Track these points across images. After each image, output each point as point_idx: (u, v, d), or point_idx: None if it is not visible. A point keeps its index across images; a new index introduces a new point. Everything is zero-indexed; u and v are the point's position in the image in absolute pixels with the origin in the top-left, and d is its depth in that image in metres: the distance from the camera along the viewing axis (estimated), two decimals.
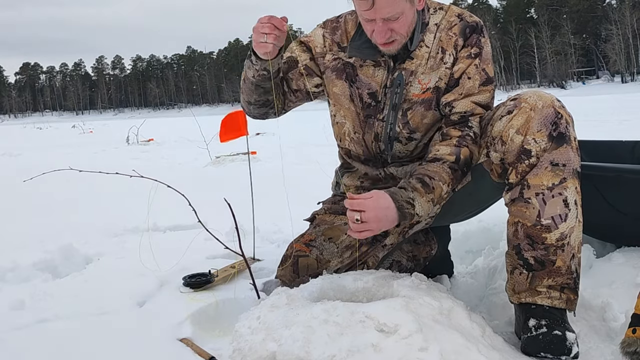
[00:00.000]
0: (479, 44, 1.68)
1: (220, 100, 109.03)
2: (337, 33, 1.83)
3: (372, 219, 1.47)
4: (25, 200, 3.88)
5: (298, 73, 1.84)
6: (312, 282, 1.63)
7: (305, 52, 1.85)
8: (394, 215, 1.51)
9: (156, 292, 1.86)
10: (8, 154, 9.83)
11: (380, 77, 1.74)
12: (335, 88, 1.82)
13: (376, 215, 1.48)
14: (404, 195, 1.54)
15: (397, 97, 1.71)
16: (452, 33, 1.69)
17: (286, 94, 1.88)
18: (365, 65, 1.76)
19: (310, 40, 1.86)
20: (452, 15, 1.72)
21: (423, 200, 1.55)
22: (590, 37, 69.79)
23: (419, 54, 1.70)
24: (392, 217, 1.51)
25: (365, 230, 1.49)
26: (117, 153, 9.58)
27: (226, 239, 2.12)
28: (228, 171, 5.79)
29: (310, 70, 1.84)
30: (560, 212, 1.47)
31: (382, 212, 1.49)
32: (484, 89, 1.67)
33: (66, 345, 1.51)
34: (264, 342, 1.35)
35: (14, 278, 2.07)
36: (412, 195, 1.55)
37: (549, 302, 1.47)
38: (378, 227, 1.50)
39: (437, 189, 1.57)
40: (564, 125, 1.49)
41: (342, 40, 1.81)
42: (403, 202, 1.53)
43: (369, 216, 1.47)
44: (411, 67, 1.70)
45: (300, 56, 1.84)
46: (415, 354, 1.24)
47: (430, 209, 1.59)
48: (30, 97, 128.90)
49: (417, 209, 1.54)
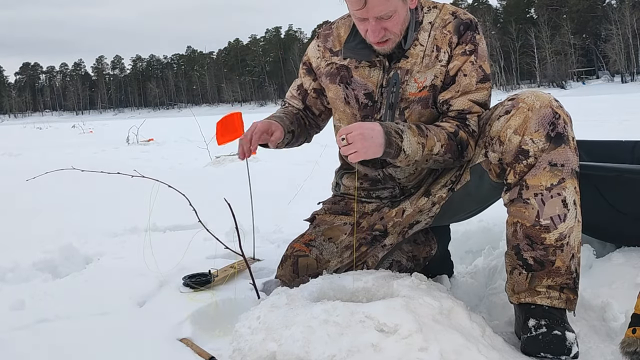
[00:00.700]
0: (474, 41, 1.68)
1: (220, 100, 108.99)
2: (329, 40, 1.86)
3: (357, 138, 1.47)
4: (25, 200, 3.88)
5: (312, 99, 1.93)
6: (312, 282, 1.63)
7: (308, 74, 1.92)
8: (380, 138, 1.50)
9: (156, 292, 1.86)
10: (8, 153, 9.82)
11: (376, 77, 1.74)
12: (330, 92, 1.84)
13: (361, 133, 1.48)
14: (394, 126, 1.55)
15: (393, 97, 1.71)
16: (446, 31, 1.69)
17: (314, 118, 1.97)
18: (360, 67, 1.76)
19: (308, 58, 1.92)
20: (446, 13, 1.72)
21: (414, 139, 1.56)
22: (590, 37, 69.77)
23: (413, 52, 1.70)
24: (378, 140, 1.50)
25: (353, 152, 1.48)
26: (117, 153, 9.57)
27: (226, 239, 2.12)
28: (228, 171, 5.79)
29: (318, 91, 1.91)
30: (559, 213, 1.47)
31: (367, 131, 1.49)
32: (482, 86, 1.67)
33: (66, 345, 1.51)
34: (264, 342, 1.35)
35: (14, 278, 2.07)
36: (402, 128, 1.56)
37: (549, 302, 1.47)
38: (364, 146, 1.48)
39: (430, 139, 1.58)
40: (561, 125, 1.49)
41: (335, 45, 1.83)
42: (391, 129, 1.53)
43: (354, 135, 1.47)
44: (406, 66, 1.70)
45: (305, 82, 1.93)
46: (415, 354, 1.24)
47: (418, 153, 1.57)
48: (30, 97, 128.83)
49: (405, 143, 1.54)
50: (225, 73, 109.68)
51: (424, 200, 1.76)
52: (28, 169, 3.48)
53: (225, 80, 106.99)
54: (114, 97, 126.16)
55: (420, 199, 1.77)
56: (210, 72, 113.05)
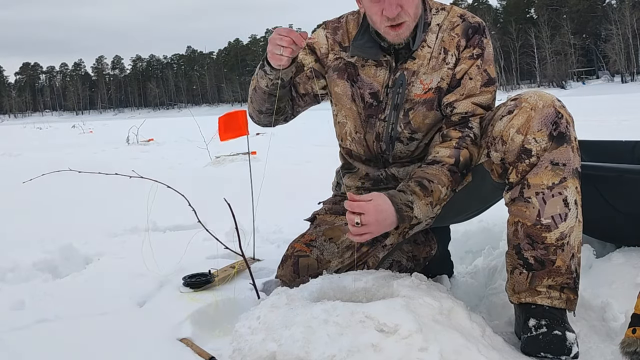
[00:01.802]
0: (482, 45, 1.69)
1: (220, 100, 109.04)
2: (339, 33, 1.83)
3: (372, 222, 1.48)
4: (25, 200, 3.88)
5: (305, 77, 1.85)
6: (312, 282, 1.63)
7: (310, 54, 1.86)
8: (393, 218, 1.52)
9: (156, 292, 1.86)
10: (8, 154, 9.83)
11: (382, 77, 1.74)
12: (337, 88, 1.82)
13: (376, 218, 1.49)
14: (403, 199, 1.55)
15: (399, 97, 1.71)
16: (454, 34, 1.69)
17: (294, 99, 1.88)
18: (367, 65, 1.76)
19: (314, 41, 1.86)
20: (454, 15, 1.73)
21: (422, 203, 1.56)
22: (590, 37, 69.81)
23: (420, 54, 1.70)
24: (391, 220, 1.52)
25: (365, 234, 1.50)
26: (117, 153, 9.58)
27: (226, 239, 2.12)
28: (228, 171, 5.80)
29: (317, 72, 1.85)
30: (560, 212, 1.47)
31: (381, 215, 1.50)
32: (486, 89, 1.68)
33: (66, 345, 1.51)
34: (264, 342, 1.35)
35: (14, 278, 2.07)
36: (410, 199, 1.55)
37: (549, 302, 1.47)
38: (377, 230, 1.51)
39: (436, 192, 1.58)
40: (564, 125, 1.49)
41: (344, 40, 1.82)
42: (402, 205, 1.54)
43: (369, 219, 1.48)
44: (413, 67, 1.70)
45: (305, 59, 1.85)
46: (415, 354, 1.24)
47: (429, 212, 1.60)
48: (30, 97, 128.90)
49: (416, 212, 1.55)
50: (225, 73, 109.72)
51: None
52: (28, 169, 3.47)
53: (225, 80, 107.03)
54: (114, 97, 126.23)
55: None
56: (210, 72, 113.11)
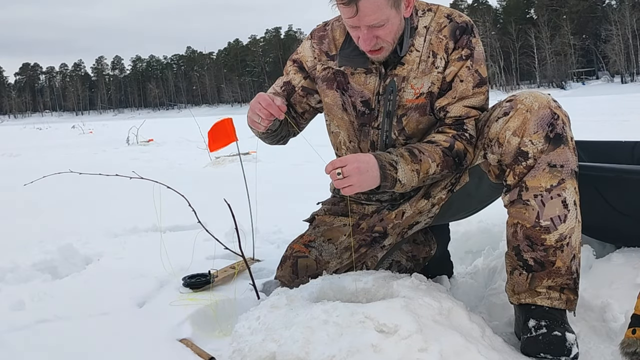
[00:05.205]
0: (470, 45, 1.66)
1: (220, 100, 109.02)
2: (325, 42, 1.81)
3: (353, 171, 1.47)
4: (25, 201, 3.89)
5: (299, 96, 1.85)
6: (311, 282, 1.63)
7: (299, 71, 1.85)
8: (375, 171, 1.51)
9: (156, 292, 1.86)
10: (8, 154, 9.83)
11: (373, 85, 1.72)
12: (327, 98, 1.80)
13: (357, 167, 1.48)
14: (388, 157, 1.55)
15: (390, 104, 1.70)
16: (442, 36, 1.67)
17: (295, 118, 1.88)
18: (356, 73, 1.74)
19: (300, 56, 1.85)
20: (441, 16, 1.70)
21: (407, 168, 1.56)
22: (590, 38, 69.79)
23: (409, 58, 1.68)
24: (373, 173, 1.51)
25: (348, 185, 1.48)
26: (117, 153, 9.58)
27: (226, 239, 2.12)
28: (228, 172, 5.79)
29: (307, 90, 1.84)
30: (559, 214, 1.47)
31: (363, 165, 1.49)
32: (478, 90, 1.66)
33: (66, 345, 1.51)
34: (264, 343, 1.35)
35: (13, 278, 2.07)
36: (395, 159, 1.56)
37: (549, 303, 1.47)
38: (359, 180, 1.48)
39: (425, 163, 1.58)
40: (560, 126, 1.48)
41: (330, 48, 1.79)
42: (386, 162, 1.53)
43: (350, 169, 1.47)
44: (403, 72, 1.68)
45: (295, 79, 1.85)
46: (415, 354, 1.24)
47: (414, 179, 1.58)
48: (30, 97, 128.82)
49: (400, 174, 1.55)
50: (225, 73, 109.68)
51: (423, 202, 1.76)
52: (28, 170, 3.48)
53: (225, 80, 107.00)
54: (114, 97, 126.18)
55: (420, 201, 1.77)
56: (210, 73, 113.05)
